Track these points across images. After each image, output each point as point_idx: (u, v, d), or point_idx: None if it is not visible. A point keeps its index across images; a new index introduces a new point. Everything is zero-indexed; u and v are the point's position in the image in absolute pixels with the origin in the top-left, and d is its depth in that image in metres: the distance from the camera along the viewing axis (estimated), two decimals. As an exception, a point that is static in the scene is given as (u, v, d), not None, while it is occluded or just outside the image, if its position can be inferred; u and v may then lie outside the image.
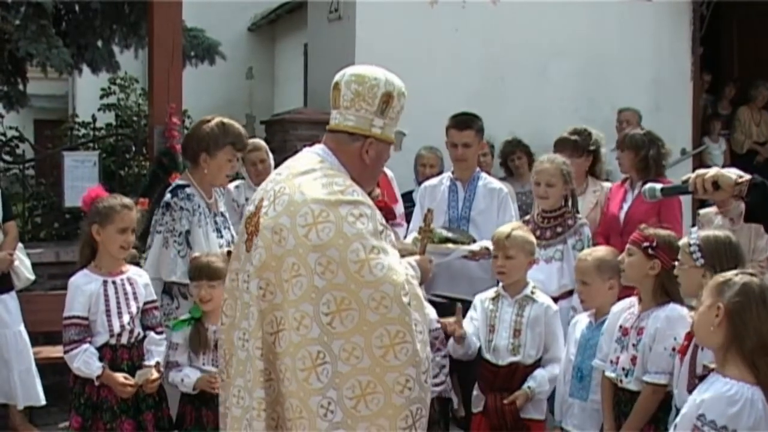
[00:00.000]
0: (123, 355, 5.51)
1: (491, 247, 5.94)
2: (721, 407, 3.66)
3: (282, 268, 3.75)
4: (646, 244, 4.99)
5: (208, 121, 6.12)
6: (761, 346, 3.67)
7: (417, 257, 4.38)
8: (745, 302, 3.70)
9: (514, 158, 9.63)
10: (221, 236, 6.05)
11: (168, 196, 6.00)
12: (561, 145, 7.57)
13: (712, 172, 4.04)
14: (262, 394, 3.84)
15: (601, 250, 5.71)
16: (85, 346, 5.38)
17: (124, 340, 5.50)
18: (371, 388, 3.65)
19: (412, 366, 3.67)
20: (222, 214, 6.18)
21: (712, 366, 3.88)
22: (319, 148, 4.05)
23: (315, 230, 3.70)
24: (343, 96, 3.99)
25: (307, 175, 3.88)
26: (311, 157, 4.02)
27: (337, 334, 3.65)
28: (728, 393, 3.66)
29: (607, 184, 7.66)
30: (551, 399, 5.75)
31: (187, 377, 5.54)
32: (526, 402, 5.55)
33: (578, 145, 7.57)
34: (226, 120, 6.16)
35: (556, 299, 6.27)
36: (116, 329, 5.47)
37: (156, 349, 5.60)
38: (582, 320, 5.56)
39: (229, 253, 5.77)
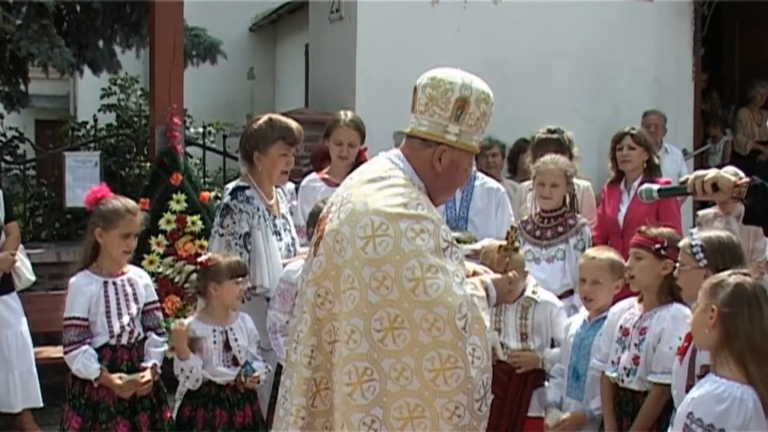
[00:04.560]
0: (123, 355, 5.50)
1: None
2: (708, 405, 3.67)
3: (340, 279, 3.65)
4: (657, 246, 4.96)
5: (258, 119, 6.08)
6: (751, 348, 3.69)
7: (495, 276, 4.11)
8: (737, 304, 3.72)
9: (523, 157, 9.59)
10: (281, 239, 5.96)
11: (228, 198, 5.91)
12: (544, 145, 7.53)
13: (711, 173, 4.03)
14: (302, 402, 3.76)
15: (610, 250, 5.69)
16: (85, 347, 5.38)
17: (124, 340, 5.50)
18: (419, 411, 3.54)
19: (463, 393, 3.54)
20: (283, 216, 6.08)
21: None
22: (393, 153, 3.92)
23: (373, 243, 3.58)
24: (419, 100, 3.84)
25: (374, 184, 3.75)
26: (383, 163, 3.89)
27: (388, 352, 3.55)
28: (716, 391, 3.68)
29: (583, 183, 7.64)
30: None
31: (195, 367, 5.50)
32: (530, 365, 5.57)
33: (561, 143, 7.55)
34: (274, 116, 6.10)
35: (558, 298, 6.28)
36: (116, 330, 5.46)
37: (155, 351, 5.59)
38: (575, 320, 5.55)
39: None
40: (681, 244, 4.62)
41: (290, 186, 6.53)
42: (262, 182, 5.98)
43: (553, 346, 5.70)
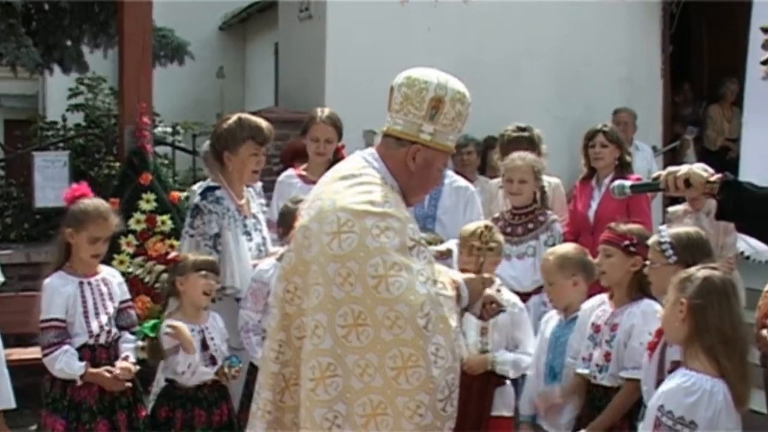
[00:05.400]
0: (101, 354, 5.46)
1: (454, 249, 5.92)
2: (678, 397, 3.71)
3: (308, 274, 3.67)
4: (626, 242, 4.98)
5: (228, 118, 6.08)
6: (722, 341, 3.73)
7: (468, 276, 4.13)
8: (706, 297, 3.75)
9: (491, 154, 9.61)
10: (251, 239, 5.97)
11: (198, 198, 5.93)
12: (515, 143, 7.53)
13: (684, 169, 4.05)
14: (269, 396, 3.80)
15: (563, 248, 5.70)
16: (66, 347, 5.32)
17: (102, 340, 5.46)
18: (381, 409, 3.52)
19: (425, 392, 3.52)
20: (254, 216, 6.08)
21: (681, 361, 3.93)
22: (368, 152, 3.92)
23: (338, 240, 3.58)
24: (394, 99, 3.84)
25: (345, 181, 3.76)
26: (356, 161, 3.89)
27: (351, 349, 3.54)
28: (686, 384, 3.72)
29: (554, 180, 7.66)
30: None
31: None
32: (481, 368, 5.51)
33: (533, 141, 7.59)
34: (243, 115, 6.10)
35: (528, 294, 6.32)
36: (95, 330, 5.43)
37: (128, 346, 5.56)
38: (552, 318, 5.56)
39: None
40: (650, 241, 4.65)
41: (257, 184, 6.54)
42: (233, 182, 5.98)
43: (516, 348, 5.68)
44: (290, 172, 6.99)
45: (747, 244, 6.43)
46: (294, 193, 6.32)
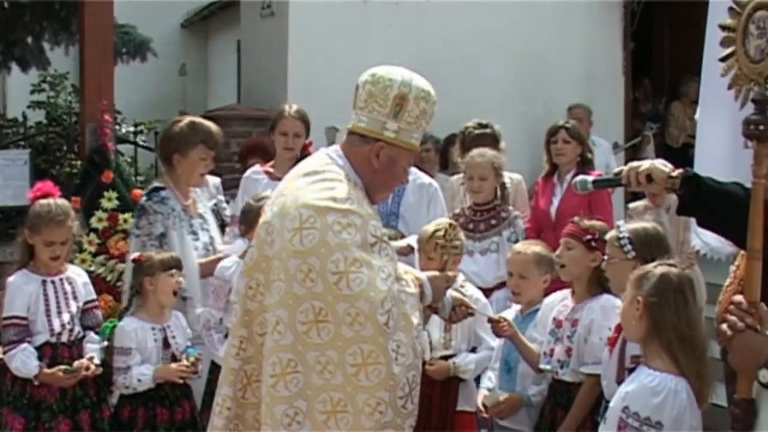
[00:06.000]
0: (63, 353, 5.46)
1: (414, 245, 5.92)
2: (644, 398, 3.70)
3: (271, 270, 3.67)
4: (588, 237, 4.99)
5: (179, 121, 6.09)
6: (679, 339, 3.73)
7: (431, 273, 4.16)
8: (663, 294, 3.76)
9: (453, 150, 9.63)
10: (197, 239, 5.99)
11: (143, 199, 5.97)
12: (478, 140, 7.57)
13: (645, 164, 4.06)
14: (229, 392, 3.80)
15: (536, 245, 5.71)
16: (24, 345, 5.32)
17: (64, 338, 5.46)
18: (341, 406, 3.51)
19: (385, 390, 3.51)
20: (201, 216, 6.11)
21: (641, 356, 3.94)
22: (332, 149, 3.91)
23: (299, 236, 3.57)
24: (359, 96, 3.83)
25: (308, 178, 3.76)
26: (320, 158, 3.88)
27: (312, 345, 3.53)
28: (651, 384, 3.71)
29: (516, 176, 7.69)
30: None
31: (143, 375, 5.46)
32: (443, 375, 5.48)
33: (495, 137, 7.63)
34: (197, 119, 6.15)
35: (492, 290, 6.33)
36: (57, 328, 5.43)
37: (92, 347, 5.56)
38: (508, 314, 5.56)
39: None
40: (608, 236, 4.66)
41: (216, 180, 6.54)
42: (180, 183, 6.01)
43: (474, 349, 5.67)
44: (257, 168, 7.00)
45: (702, 241, 6.46)
46: (260, 189, 6.33)
